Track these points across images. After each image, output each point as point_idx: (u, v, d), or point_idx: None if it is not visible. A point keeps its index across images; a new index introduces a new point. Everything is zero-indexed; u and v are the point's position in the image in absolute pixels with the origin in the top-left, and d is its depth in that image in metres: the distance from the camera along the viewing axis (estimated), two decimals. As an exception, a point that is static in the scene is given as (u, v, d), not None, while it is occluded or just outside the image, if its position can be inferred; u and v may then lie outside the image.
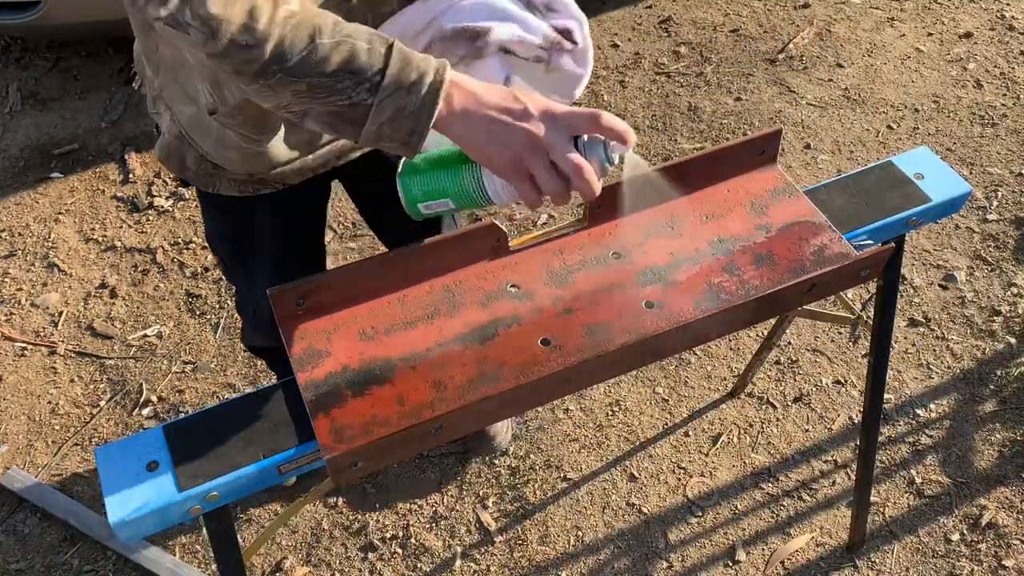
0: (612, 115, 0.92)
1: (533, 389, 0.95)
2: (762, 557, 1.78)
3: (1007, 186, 2.40)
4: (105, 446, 0.96)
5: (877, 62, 2.79)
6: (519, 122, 0.89)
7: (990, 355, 2.06)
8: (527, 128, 0.89)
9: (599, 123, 0.90)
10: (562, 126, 0.90)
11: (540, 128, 0.89)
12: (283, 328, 1.03)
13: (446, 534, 1.82)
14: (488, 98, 0.90)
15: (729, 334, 1.95)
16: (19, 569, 1.78)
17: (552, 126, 0.89)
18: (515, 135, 0.89)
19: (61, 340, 2.16)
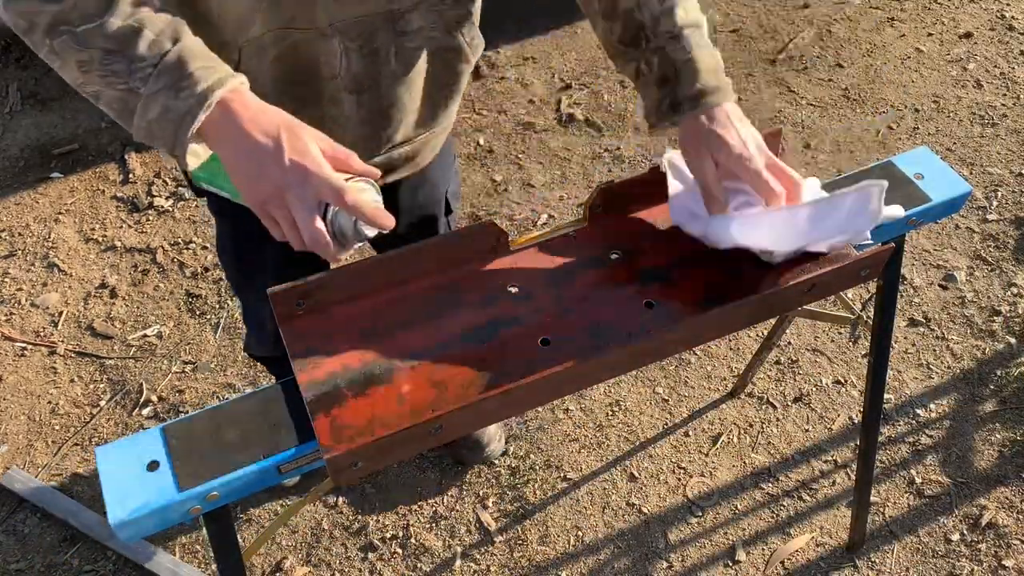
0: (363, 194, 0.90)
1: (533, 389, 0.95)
2: (762, 557, 1.78)
3: (1007, 186, 2.40)
4: (105, 446, 0.96)
5: (877, 62, 2.79)
6: (271, 166, 0.86)
7: (990, 355, 2.06)
8: (275, 178, 0.87)
9: (343, 200, 0.87)
10: (310, 189, 0.86)
11: (287, 181, 0.86)
12: (283, 328, 1.03)
13: (446, 534, 1.82)
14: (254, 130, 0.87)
15: (729, 334, 1.95)
16: (19, 569, 1.78)
17: (300, 184, 0.86)
18: (264, 179, 0.87)
19: (61, 340, 2.16)
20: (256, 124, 0.87)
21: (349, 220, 0.90)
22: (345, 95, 1.09)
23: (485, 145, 2.59)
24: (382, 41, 1.07)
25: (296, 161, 0.86)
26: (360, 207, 0.88)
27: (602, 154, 2.56)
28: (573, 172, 2.51)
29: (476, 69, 2.83)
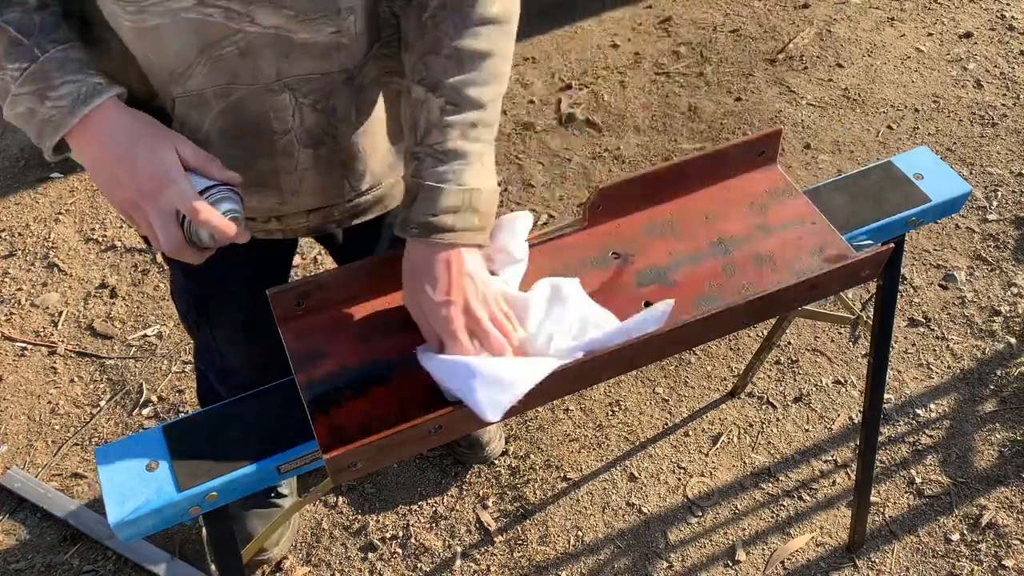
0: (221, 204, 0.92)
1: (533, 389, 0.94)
2: (762, 557, 1.78)
3: (1007, 186, 2.40)
4: (105, 446, 0.96)
5: (877, 62, 2.79)
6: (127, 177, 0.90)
7: (990, 355, 2.06)
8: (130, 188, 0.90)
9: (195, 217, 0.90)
10: (164, 200, 0.89)
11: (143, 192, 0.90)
12: (283, 328, 1.03)
13: (446, 534, 1.82)
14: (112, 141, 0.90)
15: (729, 334, 1.95)
16: (19, 569, 1.78)
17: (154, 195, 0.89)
18: (120, 188, 0.91)
19: (61, 340, 2.16)
20: (115, 136, 0.90)
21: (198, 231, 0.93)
22: (300, 148, 1.06)
23: (485, 145, 2.59)
24: (340, 100, 1.03)
25: (151, 172, 0.89)
26: (210, 223, 0.90)
27: (602, 154, 2.56)
28: (573, 172, 2.51)
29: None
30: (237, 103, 0.99)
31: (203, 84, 0.96)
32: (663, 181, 1.16)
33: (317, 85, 1.00)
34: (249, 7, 0.90)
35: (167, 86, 0.97)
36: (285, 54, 0.96)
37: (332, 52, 0.98)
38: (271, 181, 1.09)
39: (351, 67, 1.01)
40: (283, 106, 1.00)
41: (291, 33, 0.94)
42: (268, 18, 0.92)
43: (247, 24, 0.92)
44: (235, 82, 0.97)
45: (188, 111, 0.98)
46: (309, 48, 0.96)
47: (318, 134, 1.05)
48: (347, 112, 1.05)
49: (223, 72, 0.95)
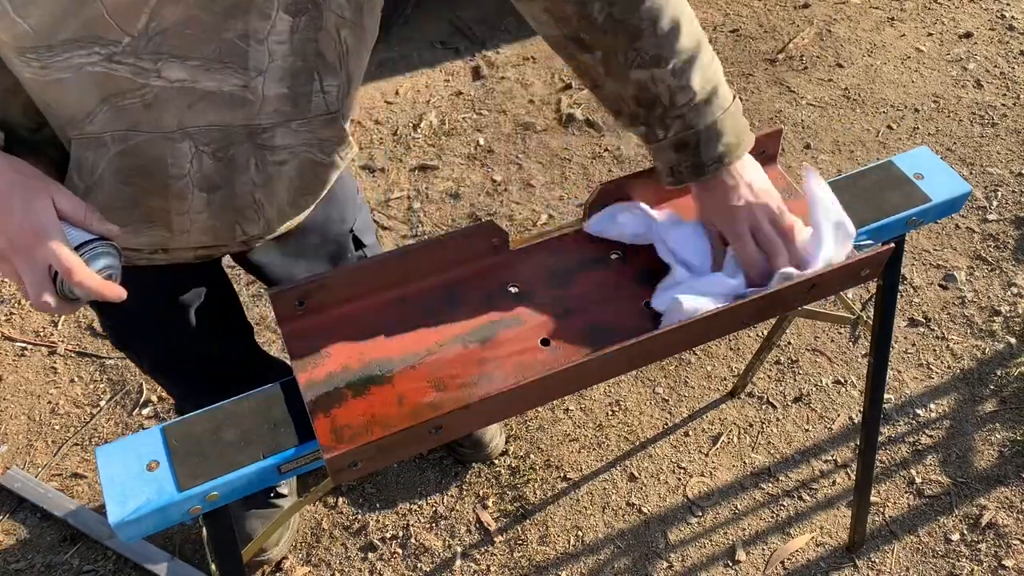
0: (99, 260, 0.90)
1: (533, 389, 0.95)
2: (762, 557, 1.78)
3: (1007, 186, 2.40)
4: (105, 446, 0.96)
5: (877, 62, 2.79)
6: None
7: (990, 355, 2.06)
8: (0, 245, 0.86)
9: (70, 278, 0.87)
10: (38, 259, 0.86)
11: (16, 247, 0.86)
12: (283, 328, 1.03)
13: (446, 534, 1.82)
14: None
15: (729, 334, 1.95)
16: (19, 569, 1.78)
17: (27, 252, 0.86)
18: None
19: (61, 340, 2.16)
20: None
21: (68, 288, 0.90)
22: (195, 192, 1.03)
23: (485, 145, 2.59)
24: (240, 151, 1.02)
25: (26, 226, 0.86)
26: (84, 285, 0.88)
27: (602, 154, 2.56)
28: (573, 172, 2.51)
29: (476, 69, 2.83)
30: (135, 147, 0.96)
31: (102, 128, 0.93)
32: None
33: (218, 135, 0.98)
34: (157, 64, 0.88)
35: (64, 128, 0.94)
36: (188, 105, 0.94)
37: (236, 105, 0.96)
38: (161, 219, 1.06)
39: (255, 124, 0.99)
40: (182, 153, 0.98)
41: (196, 83, 0.92)
42: (175, 73, 0.90)
43: (154, 79, 0.89)
44: (136, 129, 0.94)
45: (84, 152, 0.95)
46: (213, 98, 0.94)
47: (214, 181, 1.03)
48: (246, 164, 1.03)
49: (124, 120, 0.93)
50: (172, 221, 1.07)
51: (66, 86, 0.88)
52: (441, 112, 2.70)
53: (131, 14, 0.83)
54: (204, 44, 0.90)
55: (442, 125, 2.67)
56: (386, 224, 2.39)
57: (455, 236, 1.07)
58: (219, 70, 0.92)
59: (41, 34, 0.83)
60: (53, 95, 0.90)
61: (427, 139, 2.63)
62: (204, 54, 0.90)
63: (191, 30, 0.88)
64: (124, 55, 0.86)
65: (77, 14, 0.82)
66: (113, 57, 0.87)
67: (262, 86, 0.96)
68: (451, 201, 2.44)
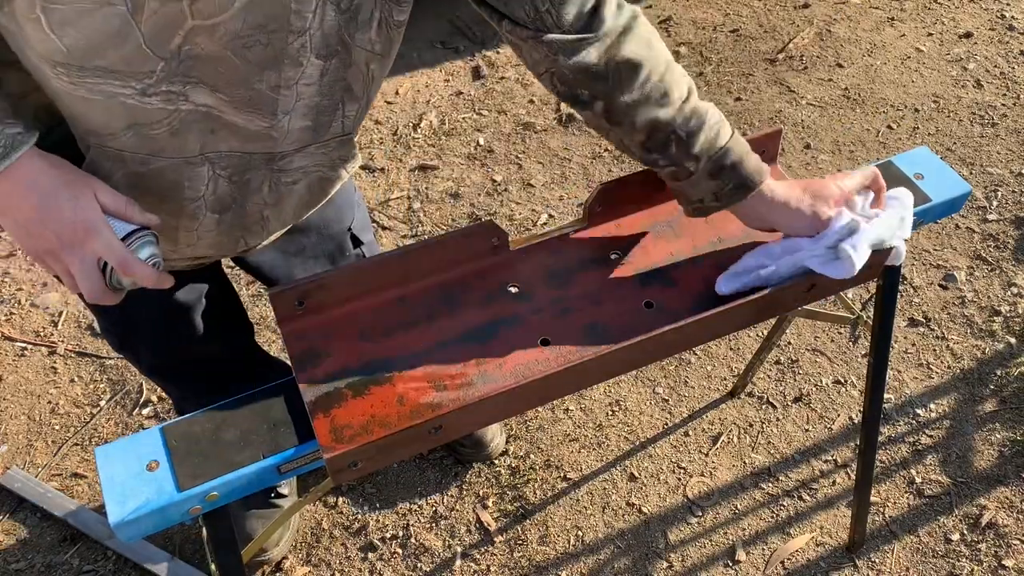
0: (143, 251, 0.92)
1: (533, 389, 0.95)
2: (762, 557, 1.78)
3: (1007, 186, 2.40)
4: (105, 446, 0.96)
5: (877, 62, 2.79)
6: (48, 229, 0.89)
7: (990, 355, 2.06)
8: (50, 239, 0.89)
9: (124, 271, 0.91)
10: (89, 252, 0.90)
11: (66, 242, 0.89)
12: (283, 328, 1.03)
13: (446, 534, 1.82)
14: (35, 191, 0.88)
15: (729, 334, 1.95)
16: (19, 569, 1.78)
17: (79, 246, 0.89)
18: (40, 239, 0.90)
19: (61, 340, 2.16)
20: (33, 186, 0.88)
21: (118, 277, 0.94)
22: (207, 213, 1.05)
23: (485, 145, 2.59)
24: (256, 175, 1.03)
25: (76, 225, 0.89)
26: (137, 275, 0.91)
27: (602, 154, 2.56)
28: (573, 172, 2.51)
29: (476, 69, 2.83)
30: (155, 171, 0.97)
31: (125, 147, 0.94)
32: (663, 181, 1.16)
33: (237, 161, 1.00)
34: (186, 87, 0.89)
35: (86, 135, 0.94)
36: (212, 130, 0.95)
37: (260, 139, 0.98)
38: (169, 235, 1.07)
39: (275, 152, 1.01)
40: (199, 177, 0.99)
41: (222, 114, 0.93)
42: (202, 97, 0.91)
43: (182, 102, 0.90)
44: (159, 154, 0.95)
45: (102, 161, 0.96)
46: (237, 130, 0.95)
47: (227, 202, 1.05)
48: (259, 186, 1.05)
49: (148, 145, 0.94)
50: (179, 237, 1.08)
51: (93, 106, 0.89)
52: (441, 112, 2.70)
53: (166, 37, 0.83)
54: (235, 87, 0.90)
55: (442, 125, 2.67)
56: (386, 224, 2.39)
57: (455, 236, 1.07)
58: (247, 112, 0.94)
59: (75, 55, 0.83)
60: (79, 108, 0.90)
61: (427, 139, 2.63)
62: (234, 96, 0.91)
63: (223, 70, 0.88)
64: (157, 84, 0.87)
65: (118, 48, 0.82)
66: (147, 91, 0.87)
67: (288, 124, 0.97)
68: (451, 201, 2.44)
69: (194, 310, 1.35)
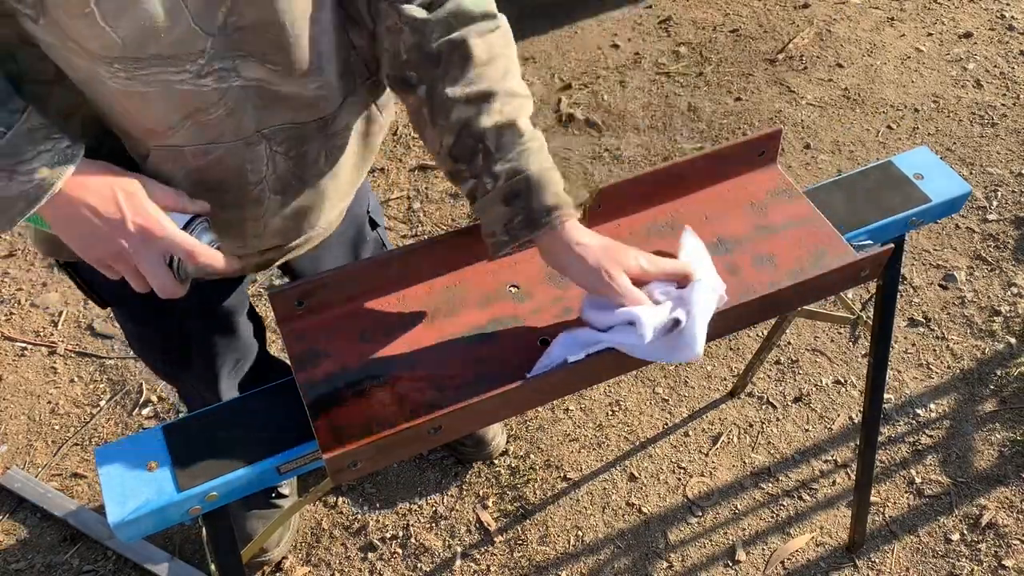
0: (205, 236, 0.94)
1: (533, 389, 0.95)
2: (762, 557, 1.78)
3: (1007, 186, 2.40)
4: (105, 446, 0.96)
5: (877, 62, 2.79)
6: (113, 235, 0.90)
7: (990, 355, 2.06)
8: (116, 243, 0.90)
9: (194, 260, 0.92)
10: (155, 249, 0.91)
11: (133, 244, 0.90)
12: (283, 328, 1.03)
13: (446, 534, 1.82)
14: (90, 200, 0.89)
15: (729, 334, 1.95)
16: (19, 569, 1.78)
17: (146, 246, 0.90)
18: (106, 244, 0.90)
19: (61, 340, 2.16)
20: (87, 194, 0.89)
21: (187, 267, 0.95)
22: (270, 195, 1.06)
23: (485, 145, 2.59)
24: (311, 146, 1.04)
25: (140, 225, 0.90)
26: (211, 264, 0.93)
27: (602, 154, 2.56)
28: (573, 172, 2.51)
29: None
30: (216, 160, 0.98)
31: (184, 142, 0.95)
32: (663, 181, 1.16)
33: (292, 134, 1.01)
34: (235, 62, 0.90)
35: (142, 140, 0.95)
36: (266, 106, 0.96)
37: (312, 104, 0.99)
38: (236, 229, 1.08)
39: (326, 116, 1.02)
40: (259, 157, 1.00)
41: (275, 86, 0.94)
42: (253, 72, 0.92)
43: (234, 79, 0.91)
44: (218, 140, 0.96)
45: (163, 163, 0.97)
46: (292, 100, 0.97)
47: (288, 180, 1.05)
48: (316, 158, 1.06)
49: (206, 134, 0.95)
50: (246, 228, 1.08)
51: (149, 99, 0.90)
52: (441, 112, 2.70)
53: (211, 12, 0.85)
54: (286, 51, 0.91)
55: (442, 125, 2.67)
56: (386, 224, 2.39)
57: (455, 236, 1.07)
58: (300, 77, 0.95)
59: (130, 46, 0.84)
60: (136, 107, 0.91)
61: (427, 139, 2.63)
62: (284, 60, 0.92)
63: (272, 34, 0.89)
64: (209, 63, 0.88)
65: (169, 31, 0.84)
66: (201, 72, 0.88)
67: (332, 74, 0.98)
68: (451, 201, 2.44)
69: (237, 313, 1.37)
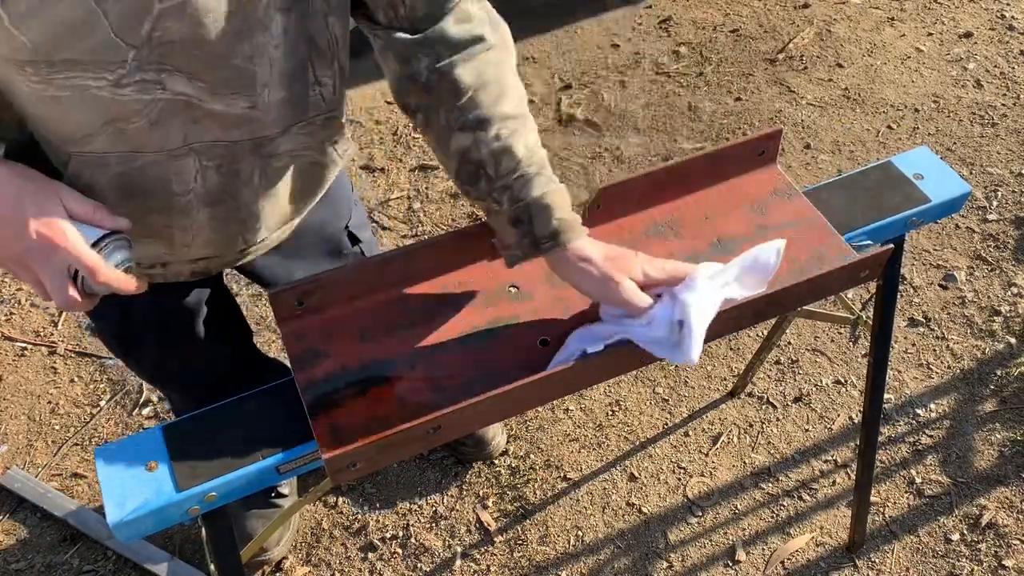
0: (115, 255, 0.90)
1: (533, 389, 0.95)
2: (762, 557, 1.78)
3: (1007, 186, 2.40)
4: (105, 446, 0.96)
5: (877, 62, 2.79)
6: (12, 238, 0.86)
7: (990, 355, 2.06)
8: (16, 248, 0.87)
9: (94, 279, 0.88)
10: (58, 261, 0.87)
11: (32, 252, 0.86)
12: (282, 328, 1.03)
13: (446, 534, 1.82)
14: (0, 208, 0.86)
15: (729, 334, 1.95)
16: (19, 569, 1.78)
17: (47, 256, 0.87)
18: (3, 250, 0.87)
19: (61, 340, 2.16)
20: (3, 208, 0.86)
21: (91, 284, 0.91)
22: (199, 208, 1.03)
23: (485, 145, 2.59)
24: (245, 164, 1.01)
25: (42, 233, 0.85)
26: (109, 282, 0.89)
27: (602, 154, 2.56)
28: (573, 172, 2.51)
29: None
30: (139, 168, 0.95)
31: (105, 149, 0.92)
32: (663, 181, 1.16)
33: (224, 151, 0.98)
34: (162, 75, 0.87)
35: (61, 145, 0.93)
36: (194, 120, 0.93)
37: (243, 123, 0.96)
38: (163, 234, 1.06)
39: (261, 136, 0.99)
40: (186, 169, 0.97)
41: (203, 103, 0.91)
42: (180, 86, 0.89)
43: (159, 91, 0.88)
44: (141, 150, 0.93)
45: (83, 169, 0.94)
46: (220, 118, 0.94)
47: (218, 195, 1.03)
48: (250, 176, 1.03)
49: (128, 142, 0.92)
50: (174, 236, 1.06)
51: (66, 105, 0.87)
52: (441, 112, 2.70)
53: (134, 24, 0.81)
54: (212, 70, 0.88)
55: (442, 125, 2.66)
56: (386, 224, 2.39)
57: (455, 236, 1.07)
58: (227, 95, 0.92)
59: (40, 50, 0.81)
60: (51, 112, 0.88)
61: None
62: (213, 79, 0.89)
63: (198, 52, 0.86)
64: (131, 74, 0.85)
65: (84, 38, 0.81)
66: (121, 81, 0.85)
67: (268, 97, 0.95)
68: (451, 201, 2.44)
69: (196, 315, 1.34)
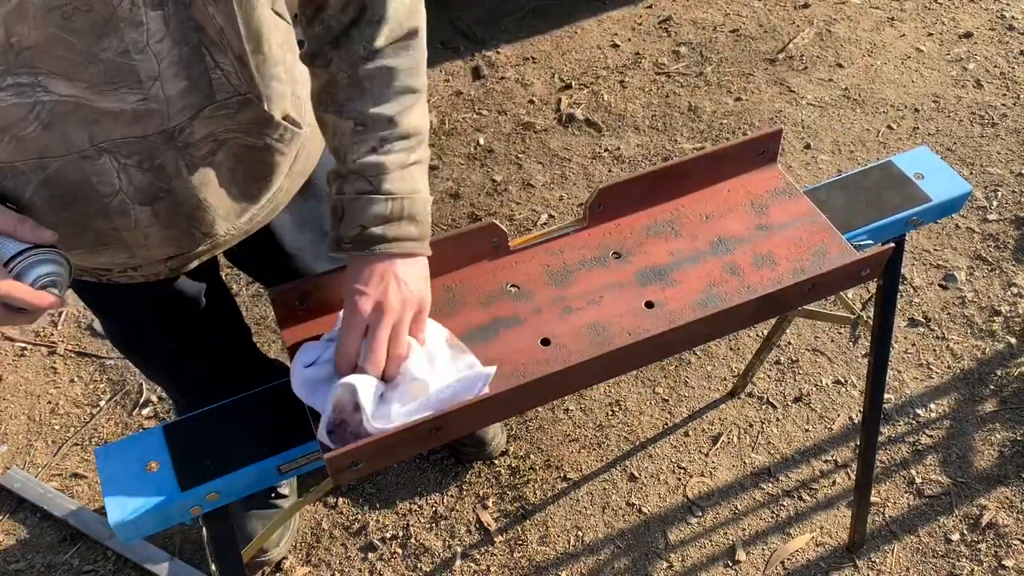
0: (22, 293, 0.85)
1: (533, 389, 0.95)
2: (762, 557, 1.78)
3: (1007, 186, 2.40)
4: (105, 446, 0.96)
5: (877, 62, 2.79)
6: None
7: (990, 355, 2.06)
8: None
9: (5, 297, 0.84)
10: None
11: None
12: (283, 328, 1.03)
13: (446, 534, 1.82)
14: None
15: (729, 334, 1.95)
16: (19, 569, 1.78)
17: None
18: None
19: (61, 340, 2.16)
20: None
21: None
22: (135, 207, 0.99)
23: (485, 145, 2.59)
24: (167, 157, 0.97)
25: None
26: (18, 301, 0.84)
27: (602, 154, 2.56)
28: (573, 172, 2.51)
29: (476, 69, 2.83)
30: (55, 173, 0.92)
31: (12, 158, 0.89)
32: (663, 181, 1.16)
33: (137, 147, 0.94)
34: (38, 78, 0.84)
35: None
36: (93, 120, 0.89)
37: (144, 117, 0.92)
38: (114, 240, 1.02)
39: (169, 128, 0.95)
40: (105, 170, 0.94)
41: (92, 102, 0.88)
42: (63, 88, 0.86)
43: (41, 94, 0.85)
44: (47, 155, 0.90)
45: (3, 181, 0.91)
46: (116, 115, 0.91)
47: (151, 192, 0.99)
48: (176, 169, 0.99)
49: (30, 148, 0.89)
50: (125, 239, 1.03)
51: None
52: (441, 112, 2.70)
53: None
54: (83, 67, 0.85)
55: (442, 125, 2.67)
56: (386, 224, 2.39)
57: (455, 236, 1.07)
58: (112, 91, 0.88)
59: None
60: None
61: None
62: (89, 77, 0.86)
63: (60, 52, 0.83)
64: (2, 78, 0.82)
65: None
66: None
67: (162, 90, 0.91)
68: (451, 201, 2.44)
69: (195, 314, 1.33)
